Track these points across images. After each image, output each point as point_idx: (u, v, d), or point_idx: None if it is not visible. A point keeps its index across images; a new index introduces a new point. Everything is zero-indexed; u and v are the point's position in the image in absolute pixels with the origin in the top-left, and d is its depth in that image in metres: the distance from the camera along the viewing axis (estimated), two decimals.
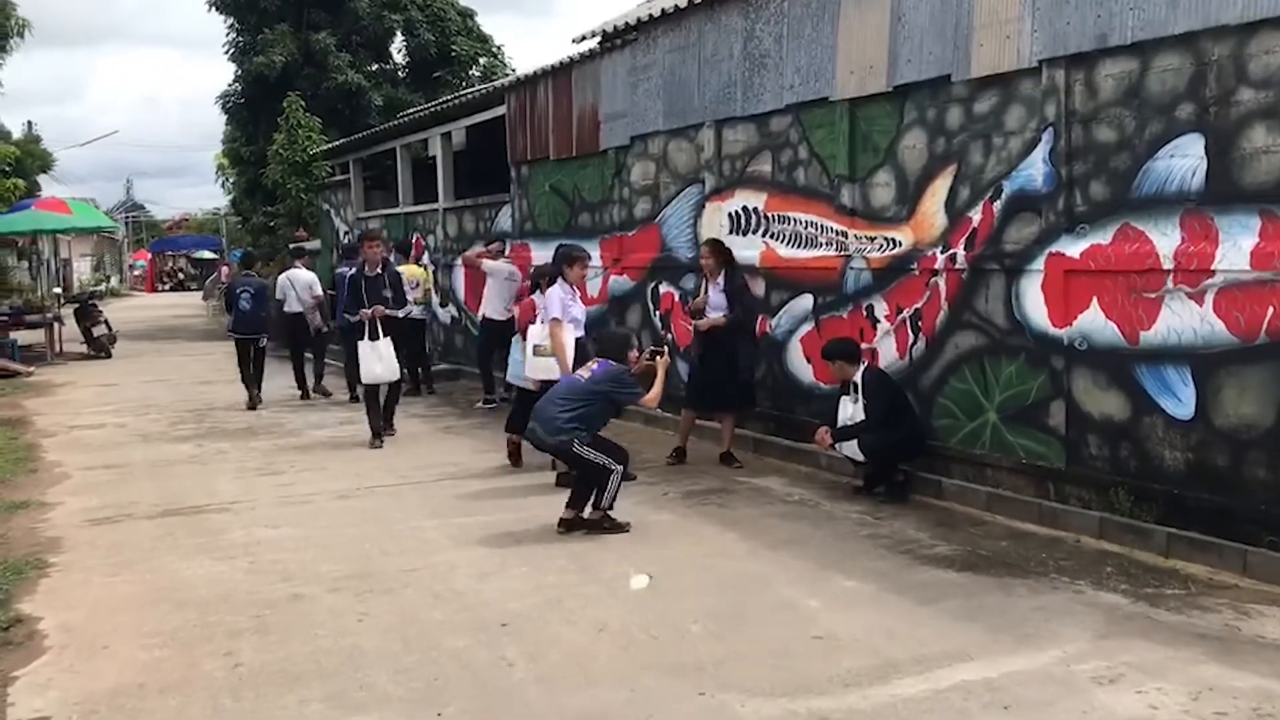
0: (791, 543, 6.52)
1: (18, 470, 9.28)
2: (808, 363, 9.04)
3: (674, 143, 10.58)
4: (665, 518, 7.18)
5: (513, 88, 13.78)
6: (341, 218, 21.45)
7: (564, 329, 8.04)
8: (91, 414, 12.63)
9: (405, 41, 27.16)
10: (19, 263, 27.99)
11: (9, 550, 6.74)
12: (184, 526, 7.25)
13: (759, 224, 9.46)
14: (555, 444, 6.75)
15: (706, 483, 8.20)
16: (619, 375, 6.89)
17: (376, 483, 8.51)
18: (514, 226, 13.98)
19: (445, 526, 7.08)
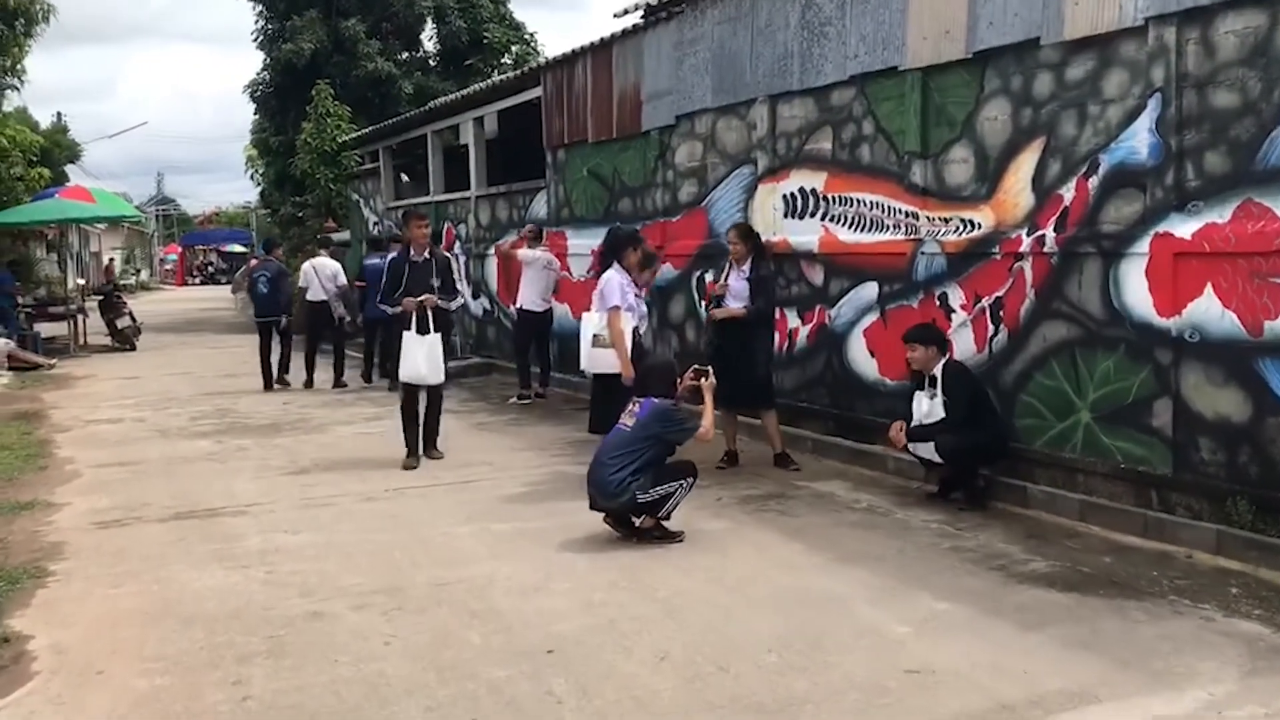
0: (866, 556, 5.83)
1: (27, 467, 8.74)
2: (871, 357, 8.34)
3: (723, 121, 9.90)
4: (721, 526, 6.51)
5: (549, 68, 13.14)
6: (371, 208, 20.92)
7: (623, 318, 7.40)
8: (110, 408, 12.11)
9: (436, 29, 26.61)
10: (48, 255, 27.65)
11: (6, 557, 6.16)
12: (197, 531, 6.66)
13: (818, 206, 8.77)
14: (620, 506, 6.06)
15: (763, 487, 7.53)
16: (666, 413, 6.19)
17: (405, 484, 7.89)
18: (549, 213, 13.34)
19: (480, 533, 6.45)
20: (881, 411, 8.22)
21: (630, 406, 6.28)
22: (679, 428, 6.19)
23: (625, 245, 7.66)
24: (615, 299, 7.42)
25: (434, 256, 8.74)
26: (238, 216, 67.81)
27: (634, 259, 7.65)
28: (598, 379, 7.73)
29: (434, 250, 8.83)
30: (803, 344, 9.06)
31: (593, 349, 7.59)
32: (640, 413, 6.17)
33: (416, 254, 8.67)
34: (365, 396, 12.73)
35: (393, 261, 8.74)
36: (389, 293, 8.61)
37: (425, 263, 8.61)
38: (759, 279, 8.31)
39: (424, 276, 8.55)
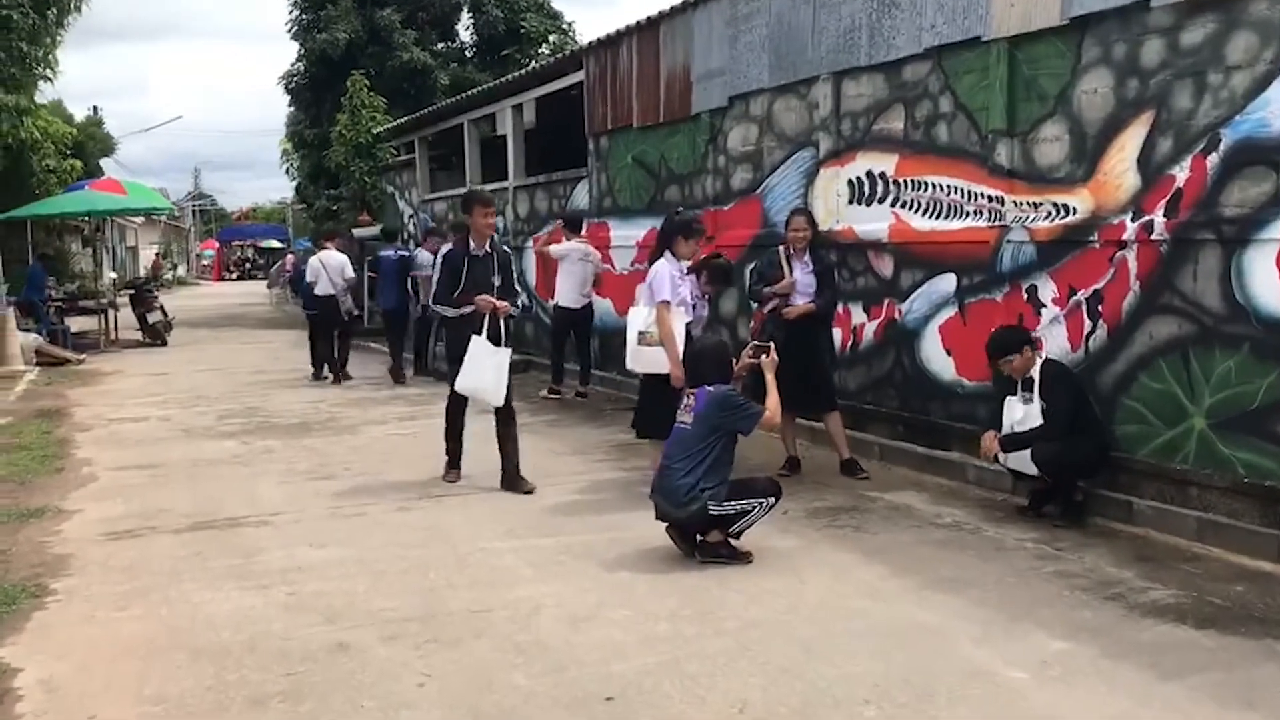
0: (959, 581, 5.15)
1: (42, 469, 8.23)
2: (947, 355, 7.64)
3: (781, 101, 9.21)
4: (791, 543, 5.84)
5: (591, 50, 12.51)
6: (406, 200, 20.41)
7: (674, 313, 6.72)
8: (135, 405, 11.62)
9: (472, 18, 26.12)
10: (83, 249, 27.40)
11: (6, 572, 5.61)
12: (215, 544, 6.09)
13: (887, 191, 8.07)
14: (689, 517, 5.41)
15: (832, 498, 6.85)
16: (725, 400, 5.51)
17: (441, 491, 7.30)
18: (591, 204, 12.72)
19: (523, 549, 5.83)
20: (958, 415, 7.53)
21: (685, 401, 5.63)
22: (742, 414, 5.50)
23: (676, 233, 6.93)
24: (665, 292, 6.72)
25: (495, 250, 7.36)
26: (274, 212, 67.90)
27: (688, 248, 6.92)
28: (645, 380, 7.01)
29: (495, 243, 7.47)
30: (869, 341, 8.38)
31: (638, 347, 6.87)
32: (698, 405, 5.52)
33: (478, 246, 7.27)
34: (399, 394, 12.17)
35: (449, 255, 7.35)
36: (445, 292, 7.22)
37: (486, 257, 7.28)
38: (825, 269, 7.67)
39: (485, 274, 7.22)
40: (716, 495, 5.35)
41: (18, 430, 9.94)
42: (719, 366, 5.64)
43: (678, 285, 6.76)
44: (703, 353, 5.76)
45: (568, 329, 11.94)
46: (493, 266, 7.26)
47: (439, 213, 18.39)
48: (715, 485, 5.38)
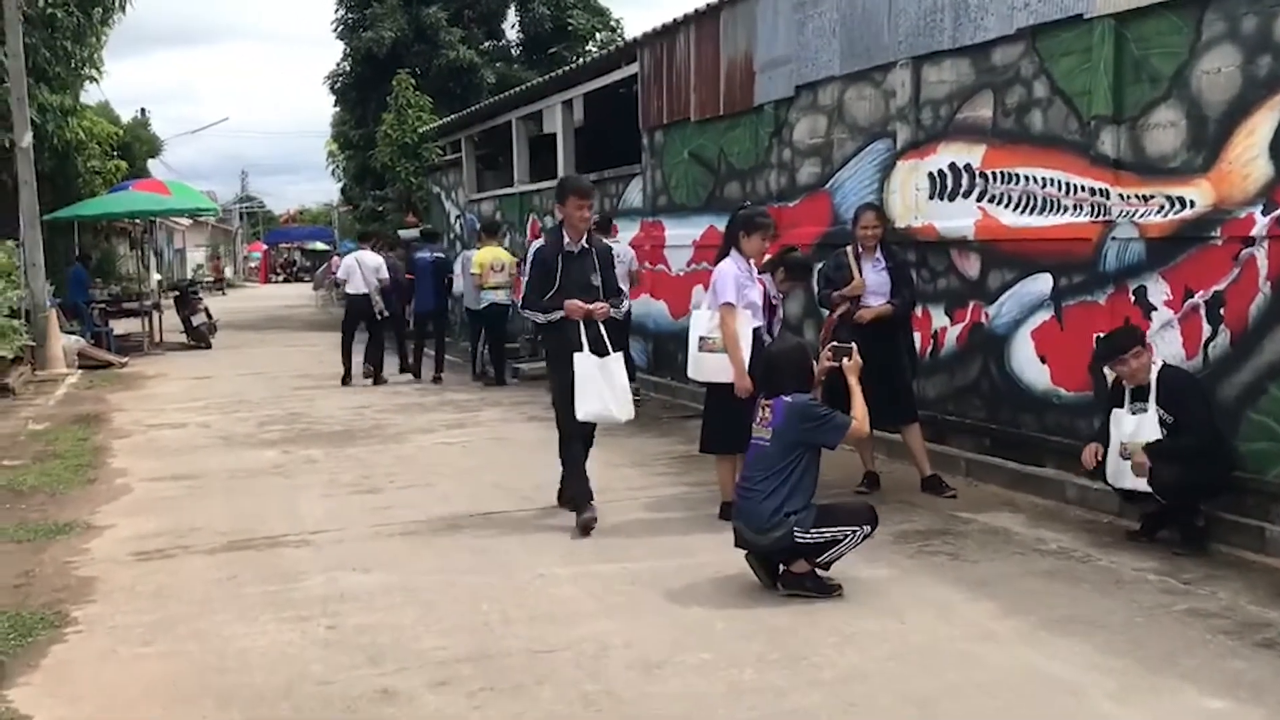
0: (1080, 621, 4.54)
1: (75, 480, 7.84)
2: (1041, 363, 7.01)
3: (854, 89, 8.62)
4: (882, 573, 5.26)
5: (646, 41, 11.97)
6: (452, 200, 20.00)
7: (739, 317, 6.14)
8: (175, 411, 11.26)
9: (519, 16, 25.71)
10: (131, 251, 27.35)
11: (27, 597, 5.18)
12: (251, 566, 5.62)
13: (973, 184, 7.46)
14: (773, 544, 4.84)
15: (920, 520, 6.25)
16: (806, 411, 4.93)
17: (493, 507, 6.79)
18: (645, 201, 12.19)
19: (585, 578, 5.30)
20: (1053, 428, 6.91)
21: (761, 413, 5.05)
22: (827, 425, 4.93)
23: (740, 228, 6.32)
24: (728, 294, 6.11)
25: (593, 246, 6.39)
26: (321, 215, 68.13)
27: (754, 245, 6.30)
28: (711, 390, 6.40)
29: (593, 238, 6.50)
30: (951, 347, 7.76)
31: (699, 353, 6.26)
32: (775, 418, 4.95)
33: (572, 241, 6.30)
34: (447, 400, 11.72)
35: (539, 253, 6.41)
36: (536, 294, 6.27)
37: (583, 254, 6.32)
38: (900, 267, 7.09)
39: (582, 273, 6.27)
40: (803, 520, 4.79)
41: (54, 437, 9.59)
42: (798, 373, 5.07)
43: (743, 286, 6.16)
44: (779, 358, 5.15)
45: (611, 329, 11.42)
46: (591, 264, 6.32)
47: (486, 213, 17.97)
48: (801, 509, 4.82)
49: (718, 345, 6.15)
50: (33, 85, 15.49)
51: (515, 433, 9.61)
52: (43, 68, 16.31)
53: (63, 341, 14.83)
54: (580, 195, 6.29)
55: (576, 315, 6.15)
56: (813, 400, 4.98)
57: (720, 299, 6.14)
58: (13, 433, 9.85)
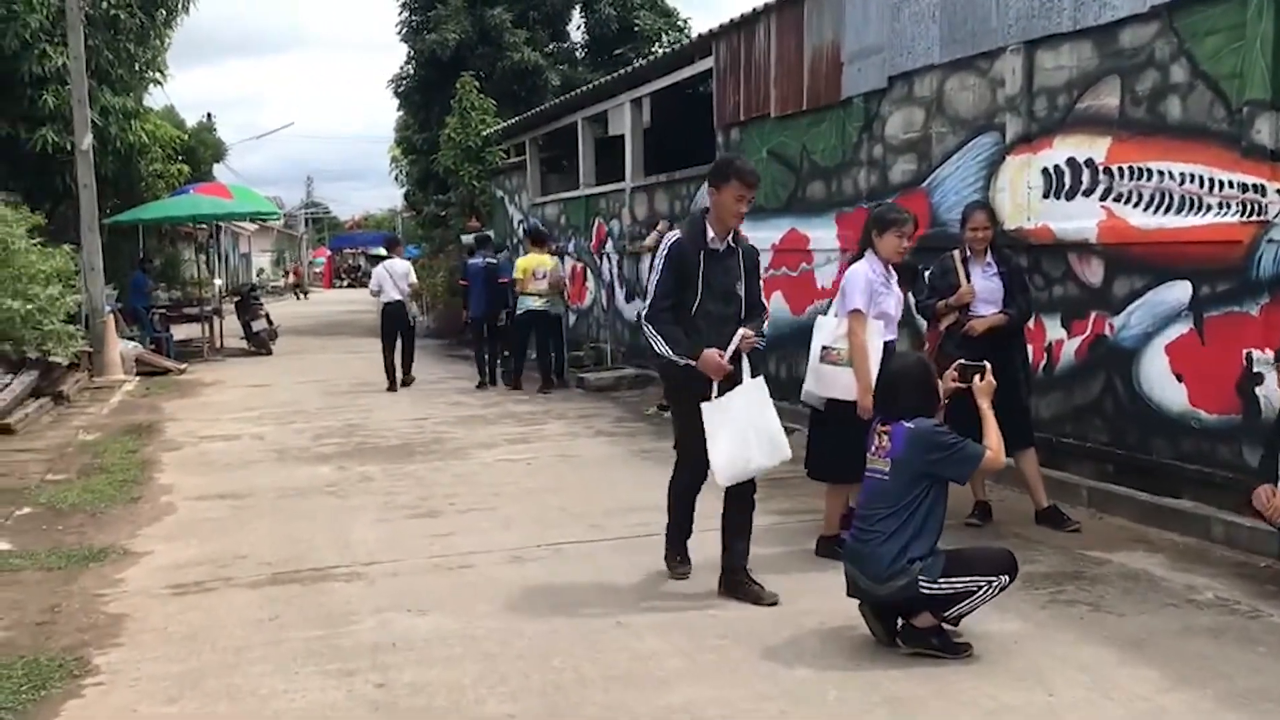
0: (1271, 699, 3.77)
1: (118, 497, 7.37)
2: (1178, 381, 6.21)
3: (955, 79, 7.88)
4: (1014, 626, 4.53)
5: (722, 34, 11.31)
6: (516, 204, 19.52)
7: (869, 326, 5.43)
8: (230, 421, 10.82)
9: (584, 17, 25.22)
10: (195, 256, 27.34)
11: (49, 637, 4.66)
12: (296, 604, 5.05)
13: (1096, 181, 6.69)
14: (894, 595, 4.14)
15: (1046, 560, 5.50)
16: (932, 438, 4.21)
17: (561, 536, 6.17)
18: None
19: (670, 628, 4.64)
20: (1191, 454, 6.12)
21: (876, 440, 4.34)
22: (956, 455, 4.20)
23: (872, 226, 5.60)
24: (857, 299, 5.40)
25: (740, 245, 5.10)
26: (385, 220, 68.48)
27: (889, 244, 5.58)
28: (829, 407, 5.58)
29: (741, 235, 5.20)
30: (1068, 361, 6.99)
31: (821, 365, 5.53)
32: (895, 447, 4.24)
33: (718, 238, 5.00)
34: (509, 412, 11.14)
35: (675, 250, 4.96)
36: (663, 303, 4.96)
37: (729, 254, 5.04)
38: (1013, 272, 6.35)
39: (727, 279, 5.01)
40: (930, 568, 4.09)
41: (102, 449, 9.18)
42: (921, 394, 4.36)
43: (876, 292, 5.46)
44: (899, 377, 4.43)
45: None
46: (736, 267, 5.05)
47: (549, 216, 17.45)
48: (927, 554, 4.12)
49: (842, 357, 5.43)
50: (95, 87, 15.28)
51: (582, 449, 8.99)
52: (105, 70, 16.10)
53: (121, 347, 14.56)
54: (745, 181, 4.93)
55: (715, 375, 4.84)
56: (939, 426, 4.26)
57: (848, 305, 5.43)
58: (62, 443, 9.47)
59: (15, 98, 14.84)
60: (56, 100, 14.62)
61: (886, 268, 5.53)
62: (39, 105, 14.74)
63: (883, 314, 5.45)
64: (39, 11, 14.51)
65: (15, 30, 14.29)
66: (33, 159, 15.10)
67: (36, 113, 14.81)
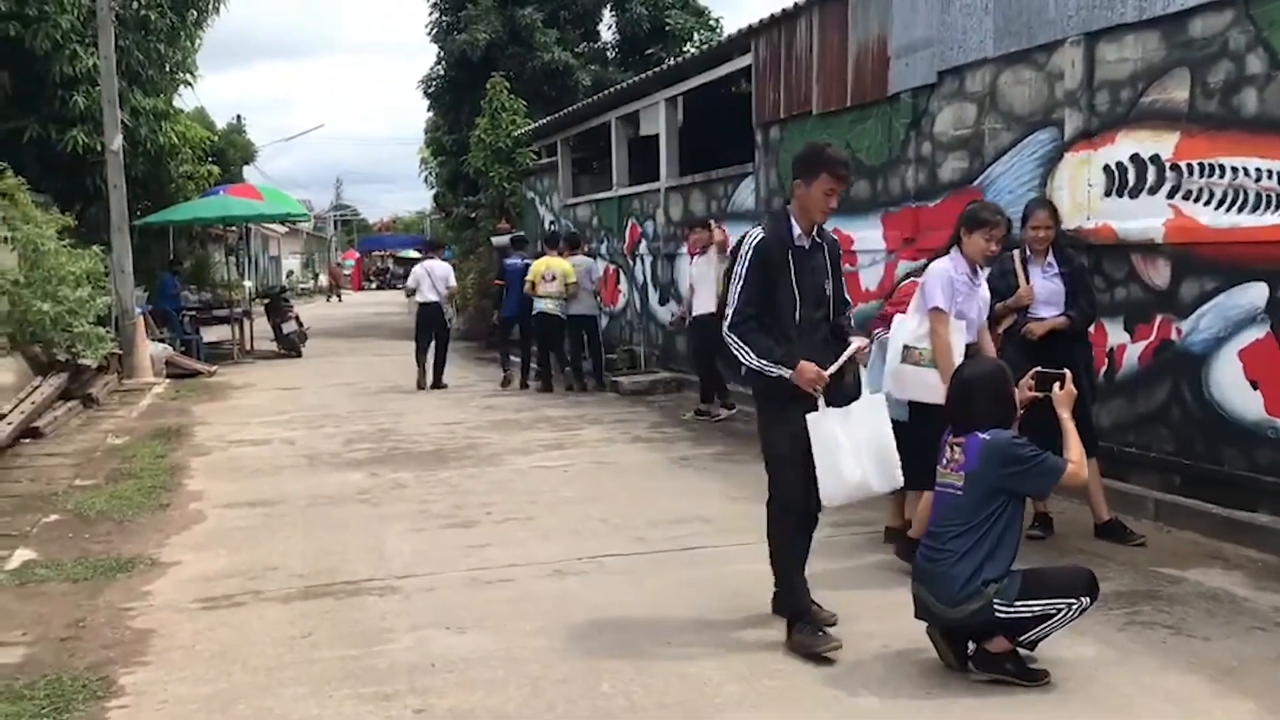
0: None
1: (146, 504, 7.19)
2: (1253, 388, 5.89)
3: (1010, 73, 7.58)
4: (1091, 651, 4.24)
5: (761, 30, 11.04)
6: (547, 205, 19.30)
7: (951, 327, 5.14)
8: (260, 425, 10.65)
9: (615, 17, 25.00)
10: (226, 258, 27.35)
11: (73, 654, 4.46)
12: (329, 621, 4.83)
13: (1162, 179, 6.38)
14: (967, 618, 3.86)
15: (1117, 578, 5.18)
16: (1009, 451, 3.90)
17: (602, 549, 5.91)
18: (758, 203, 11.26)
19: (723, 649, 4.38)
20: (1267, 466, 5.80)
21: (948, 453, 4.06)
22: (1034, 470, 3.89)
23: (960, 224, 5.27)
24: (937, 297, 5.07)
25: (825, 240, 4.53)
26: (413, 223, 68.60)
27: (976, 244, 5.27)
28: (911, 410, 5.27)
29: (822, 229, 4.53)
30: (1131, 367, 6.68)
31: (901, 365, 5.23)
32: (968, 460, 3.95)
33: (804, 233, 4.41)
34: (543, 416, 10.91)
35: (760, 247, 4.34)
36: (749, 310, 4.34)
37: (815, 250, 4.45)
38: (1076, 272, 6.05)
39: (815, 278, 4.44)
40: (1006, 590, 3.81)
41: (131, 454, 9.02)
42: (997, 403, 4.07)
43: (958, 291, 5.17)
44: (973, 385, 4.13)
45: (709, 340, 10.59)
46: (823, 264, 4.49)
47: (581, 218, 17.23)
48: (1002, 575, 3.84)
49: (924, 357, 5.14)
50: (125, 88, 15.20)
51: (619, 456, 8.74)
52: (136, 71, 16.03)
53: (151, 349, 14.46)
54: (837, 174, 4.32)
55: (811, 389, 4.27)
56: (1016, 438, 3.98)
57: (928, 302, 5.13)
58: (90, 447, 9.32)
59: (46, 98, 14.77)
60: (87, 101, 14.55)
61: (972, 267, 5.25)
62: (70, 106, 14.67)
63: (963, 316, 5.16)
64: (70, 12, 14.43)
65: (46, 31, 14.21)
66: (64, 160, 15.03)
67: (67, 114, 14.74)
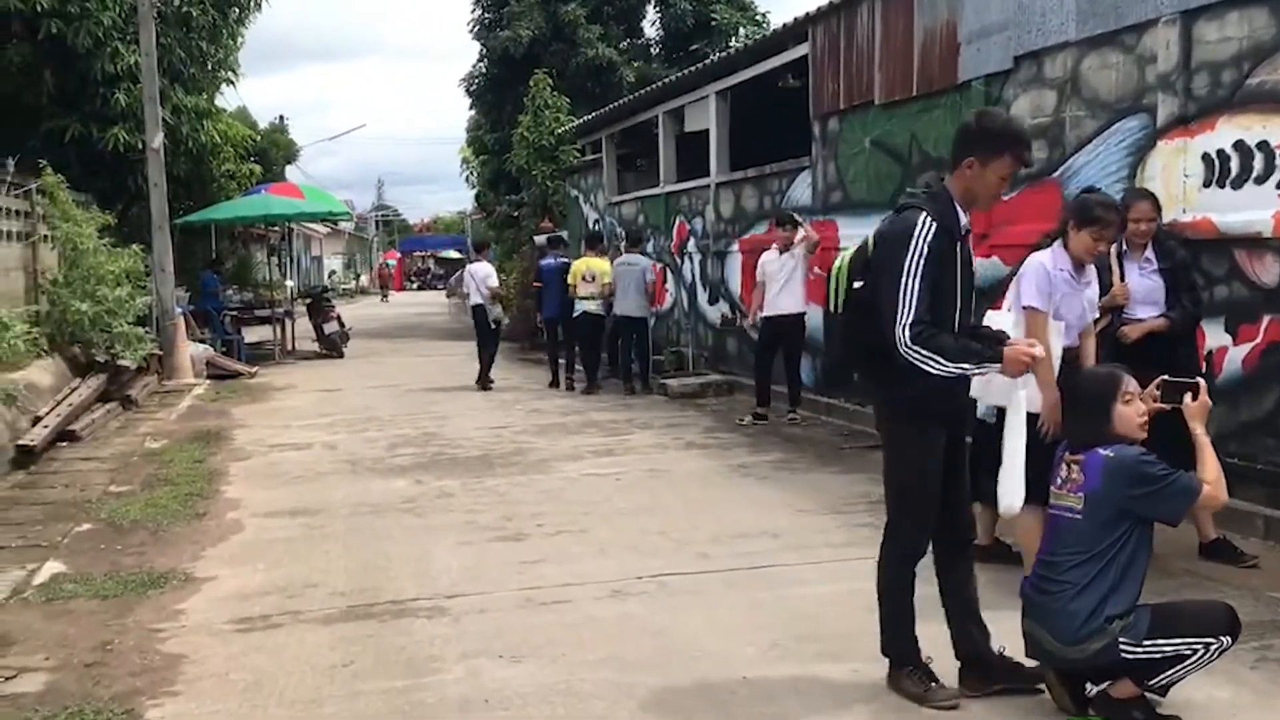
0: None
1: (183, 513, 6.88)
2: None
3: (1095, 57, 7.08)
4: (1225, 695, 3.77)
5: (819, 18, 10.58)
6: (591, 204, 18.94)
7: (1050, 328, 4.69)
8: (301, 428, 10.35)
9: (659, 12, 24.62)
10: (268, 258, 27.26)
11: (97, 682, 4.12)
12: (372, 647, 4.45)
13: (1271, 168, 5.86)
14: (1089, 659, 3.41)
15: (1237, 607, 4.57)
16: (1137, 469, 3.44)
17: (664, 566, 5.50)
18: (814, 198, 10.81)
19: (807, 684, 3.96)
20: None
21: (1065, 472, 3.60)
22: (1166, 490, 3.41)
23: (1068, 217, 4.81)
24: (1032, 295, 4.59)
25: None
26: (454, 223, 68.65)
27: (1082, 241, 4.80)
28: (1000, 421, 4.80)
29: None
30: (1233, 371, 6.16)
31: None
32: (1089, 479, 3.49)
33: (967, 223, 3.77)
34: (591, 420, 10.52)
35: (935, 240, 3.59)
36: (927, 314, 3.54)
37: (967, 238, 3.82)
38: (1178, 269, 5.55)
39: (971, 276, 3.87)
40: (1134, 628, 3.36)
41: (169, 458, 8.74)
42: (1109, 416, 3.61)
43: (1059, 290, 4.70)
44: (1094, 395, 3.67)
45: (777, 343, 10.15)
46: (972, 260, 3.90)
47: (627, 215, 16.84)
48: (1128, 610, 3.39)
49: None
50: (167, 86, 14.99)
51: (673, 463, 8.33)
52: (178, 69, 15.82)
53: (191, 350, 14.25)
54: (1024, 157, 3.66)
55: (1018, 371, 3.63)
56: (1145, 455, 3.51)
57: (1023, 300, 4.65)
58: (127, 451, 9.06)
59: (88, 96, 14.59)
60: (128, 99, 14.35)
61: (1078, 265, 4.77)
62: (111, 104, 14.47)
63: (1060, 316, 4.69)
64: (111, 9, 14.25)
65: (88, 28, 14.02)
66: (106, 159, 14.86)
67: (109, 112, 14.55)
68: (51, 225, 11.72)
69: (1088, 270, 4.85)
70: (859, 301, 3.73)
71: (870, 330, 3.67)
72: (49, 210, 11.70)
